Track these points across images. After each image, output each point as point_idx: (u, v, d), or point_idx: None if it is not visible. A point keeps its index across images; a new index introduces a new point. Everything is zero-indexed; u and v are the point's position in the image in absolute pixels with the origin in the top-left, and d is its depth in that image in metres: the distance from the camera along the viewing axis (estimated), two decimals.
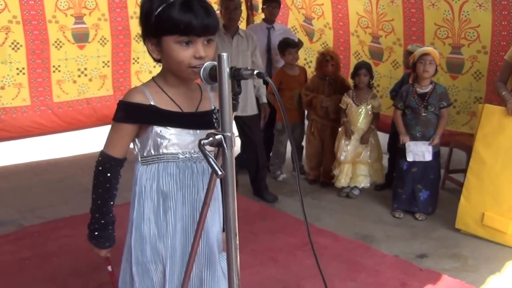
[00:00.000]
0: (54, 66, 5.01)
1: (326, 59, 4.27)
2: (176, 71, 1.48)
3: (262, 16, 5.06)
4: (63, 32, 4.97)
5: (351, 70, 4.33)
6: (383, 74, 4.89)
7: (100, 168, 1.53)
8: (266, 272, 2.97)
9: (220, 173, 1.17)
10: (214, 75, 1.22)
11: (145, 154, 1.53)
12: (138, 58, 5.44)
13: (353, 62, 4.97)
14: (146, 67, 5.53)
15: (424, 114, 3.65)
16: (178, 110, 1.51)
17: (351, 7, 4.95)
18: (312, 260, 1.42)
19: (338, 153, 4.24)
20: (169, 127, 1.50)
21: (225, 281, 1.58)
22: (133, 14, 5.27)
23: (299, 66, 4.74)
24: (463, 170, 3.88)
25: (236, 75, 1.18)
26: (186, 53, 1.42)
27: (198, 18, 1.38)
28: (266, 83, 4.61)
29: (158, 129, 1.49)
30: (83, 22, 5.08)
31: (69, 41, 5.03)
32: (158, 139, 1.50)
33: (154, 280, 1.57)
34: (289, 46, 4.46)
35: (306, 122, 4.70)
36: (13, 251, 3.23)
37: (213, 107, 1.59)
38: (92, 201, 1.56)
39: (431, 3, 4.30)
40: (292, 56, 4.47)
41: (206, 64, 1.31)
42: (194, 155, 1.54)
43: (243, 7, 5.30)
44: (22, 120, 4.87)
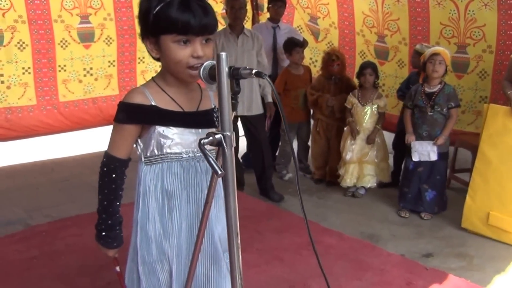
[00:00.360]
0: (59, 66, 5.02)
1: (332, 59, 4.27)
2: (174, 71, 1.48)
3: (268, 15, 5.06)
4: (69, 31, 4.99)
5: (357, 69, 4.33)
6: (389, 73, 4.88)
7: (105, 169, 1.53)
8: (272, 271, 2.98)
9: (220, 172, 1.18)
10: (214, 75, 1.22)
11: (148, 154, 1.53)
12: (143, 57, 5.44)
13: (358, 61, 4.97)
14: (151, 67, 5.53)
15: (430, 113, 3.64)
16: (179, 109, 1.51)
17: (357, 7, 4.95)
18: None
19: (343, 152, 4.23)
20: (171, 127, 1.49)
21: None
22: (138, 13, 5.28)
23: (304, 65, 4.72)
24: (469, 170, 3.88)
25: (235, 75, 1.19)
26: (184, 52, 1.42)
27: (196, 17, 1.38)
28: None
29: (160, 129, 1.49)
30: (89, 22, 5.10)
31: (74, 40, 5.05)
32: (161, 139, 1.49)
33: (160, 279, 1.57)
34: (295, 45, 4.45)
35: (312, 122, 4.70)
36: (21, 250, 3.24)
37: (213, 106, 1.59)
38: (98, 202, 1.56)
39: (437, 2, 4.30)
40: (298, 55, 4.45)
41: (206, 63, 1.32)
42: (197, 154, 1.54)
43: (249, 7, 5.30)
44: (28, 119, 4.89)
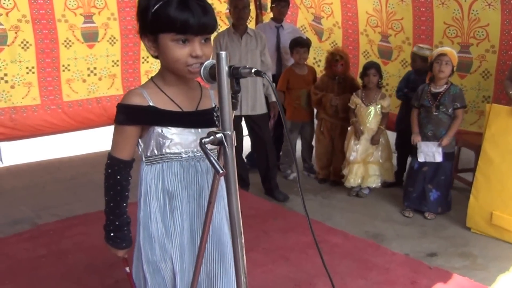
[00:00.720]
0: (63, 65, 5.02)
1: (336, 59, 4.27)
2: (173, 69, 1.47)
3: (271, 15, 5.06)
4: (73, 31, 4.98)
5: (360, 69, 4.33)
6: (392, 73, 4.89)
7: (109, 171, 1.54)
8: (278, 270, 3.00)
9: (221, 171, 1.18)
10: (214, 74, 1.23)
11: (148, 154, 1.54)
12: (147, 57, 5.42)
13: (362, 61, 4.97)
14: (155, 67, 5.51)
15: (435, 113, 3.66)
16: (177, 109, 1.50)
17: (361, 6, 4.95)
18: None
19: (347, 153, 4.23)
20: (170, 127, 1.49)
21: None
22: None
23: (309, 66, 4.72)
24: (472, 169, 3.90)
25: (235, 74, 1.19)
26: (182, 51, 1.41)
27: (195, 16, 1.37)
28: (275, 81, 4.63)
29: (159, 129, 1.48)
30: (92, 21, 5.10)
31: (78, 40, 5.05)
32: (160, 139, 1.49)
33: (165, 278, 1.58)
34: (296, 45, 4.46)
35: (316, 121, 4.71)
36: (28, 249, 3.26)
37: (213, 105, 1.58)
38: (105, 203, 1.57)
39: (441, 2, 4.30)
40: (298, 55, 4.45)
41: (206, 63, 1.32)
42: (197, 154, 1.54)
43: (252, 7, 5.30)
44: (33, 119, 4.89)
